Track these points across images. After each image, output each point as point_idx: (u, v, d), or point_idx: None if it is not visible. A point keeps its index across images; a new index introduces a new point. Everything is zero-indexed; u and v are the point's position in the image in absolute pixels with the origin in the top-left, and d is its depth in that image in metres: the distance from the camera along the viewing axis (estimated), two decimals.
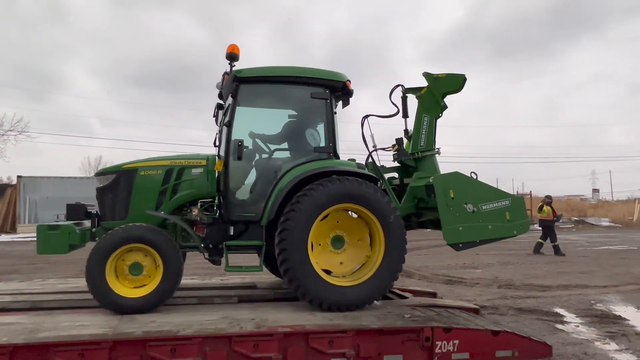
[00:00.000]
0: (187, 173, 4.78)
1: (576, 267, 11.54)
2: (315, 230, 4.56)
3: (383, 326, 4.16)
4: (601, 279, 9.84)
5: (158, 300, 4.34)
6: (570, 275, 10.15)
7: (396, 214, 4.71)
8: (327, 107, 5.00)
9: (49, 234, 4.40)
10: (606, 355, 4.84)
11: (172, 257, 4.34)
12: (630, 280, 9.61)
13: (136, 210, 4.64)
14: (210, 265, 5.05)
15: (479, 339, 4.37)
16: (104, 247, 4.24)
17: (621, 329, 5.81)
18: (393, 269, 4.70)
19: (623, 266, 11.85)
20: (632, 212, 33.75)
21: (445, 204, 4.72)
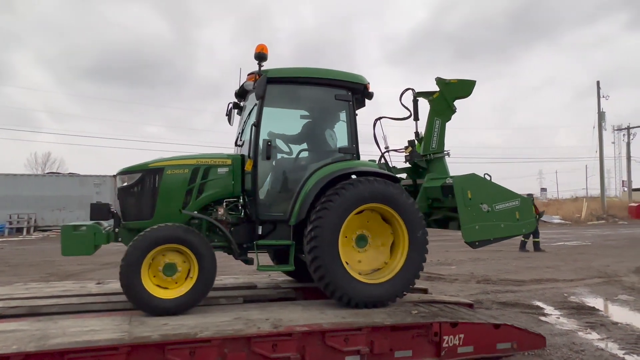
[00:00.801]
0: (213, 172, 4.76)
1: (542, 262, 12.18)
2: (346, 223, 4.64)
3: (395, 323, 4.27)
4: (567, 273, 10.46)
5: (192, 302, 4.29)
6: (539, 270, 10.72)
7: (420, 214, 4.89)
8: (350, 109, 5.13)
9: (75, 235, 4.29)
10: (591, 344, 5.18)
11: (208, 258, 4.31)
12: (593, 274, 10.27)
13: (163, 210, 4.57)
14: None
15: (481, 333, 4.58)
16: (141, 247, 4.13)
17: (598, 320, 6.22)
18: (416, 267, 4.85)
19: (583, 261, 12.63)
20: (580, 210, 35.91)
21: (464, 204, 4.97)
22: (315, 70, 5.06)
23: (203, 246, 4.31)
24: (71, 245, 4.33)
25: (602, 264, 11.77)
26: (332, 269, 4.48)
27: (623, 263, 12.12)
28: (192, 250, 4.26)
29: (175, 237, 4.22)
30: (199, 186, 4.68)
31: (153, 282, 4.25)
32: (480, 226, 5.03)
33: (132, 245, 4.15)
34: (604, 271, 10.70)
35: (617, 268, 11.21)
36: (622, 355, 4.82)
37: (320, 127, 5.32)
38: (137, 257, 4.11)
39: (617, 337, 5.46)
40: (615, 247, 16.64)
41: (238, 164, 4.87)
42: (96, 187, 23.38)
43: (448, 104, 5.69)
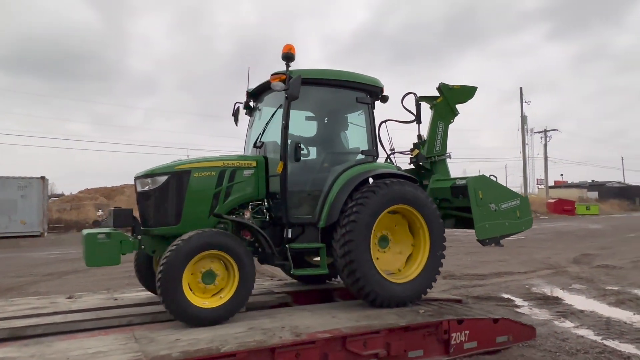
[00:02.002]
0: (239, 175, 4.65)
1: (492, 257, 12.94)
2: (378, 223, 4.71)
3: (409, 323, 4.29)
4: (517, 265, 11.20)
5: (233, 310, 4.14)
6: (494, 264, 11.38)
7: (439, 215, 5.06)
8: (370, 111, 5.25)
9: (100, 244, 4.01)
10: (570, 332, 5.56)
11: (249, 264, 4.21)
12: (540, 266, 11.09)
13: (190, 215, 4.38)
14: None
15: (483, 328, 4.74)
16: (183, 254, 3.88)
17: (566, 309, 6.71)
18: (436, 266, 5.05)
19: (525, 254, 13.61)
20: None
21: (476, 203, 5.25)
22: (340, 73, 5.10)
23: (243, 251, 4.18)
24: (97, 254, 4.01)
25: (543, 256, 12.76)
26: (365, 271, 4.54)
27: (560, 255, 13.24)
28: (233, 256, 4.10)
29: (217, 243, 4.04)
30: (226, 189, 4.54)
31: (194, 291, 4.03)
32: (489, 224, 5.35)
33: (172, 253, 3.87)
34: (548, 263, 11.61)
35: (557, 259, 12.22)
36: (601, 341, 5.22)
37: (340, 129, 5.37)
38: (178, 265, 3.85)
39: (589, 324, 5.92)
40: (545, 240, 18.13)
41: (262, 166, 4.80)
42: (20, 190, 21.14)
43: (451, 108, 5.99)
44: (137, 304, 4.73)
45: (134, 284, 9.28)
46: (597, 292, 7.86)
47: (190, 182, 4.40)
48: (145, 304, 4.76)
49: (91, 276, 10.42)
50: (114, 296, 5.25)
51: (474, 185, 5.28)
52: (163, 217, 4.38)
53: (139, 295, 5.29)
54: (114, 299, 5.08)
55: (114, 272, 10.90)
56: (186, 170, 4.43)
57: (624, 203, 54.01)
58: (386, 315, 4.47)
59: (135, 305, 4.68)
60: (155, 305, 4.65)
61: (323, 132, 5.41)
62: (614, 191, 60.60)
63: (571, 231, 22.34)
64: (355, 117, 5.45)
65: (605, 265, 10.91)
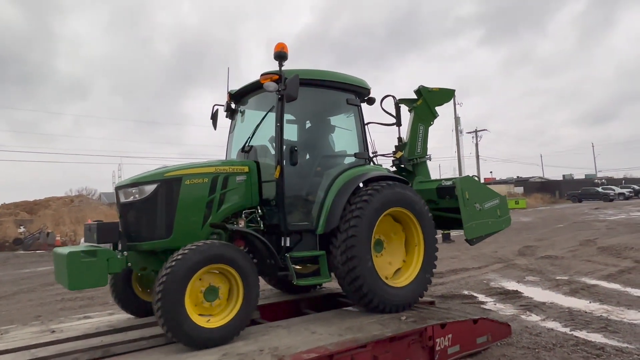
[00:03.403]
0: (232, 181, 4.35)
1: (443, 254, 13.01)
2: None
3: (395, 333, 4.01)
4: (469, 261, 11.47)
5: (238, 329, 3.81)
6: (447, 261, 11.54)
7: (431, 216, 5.01)
8: (360, 113, 5.16)
9: (85, 264, 3.53)
10: (540, 326, 5.61)
11: (253, 278, 3.90)
12: (490, 260, 11.43)
13: (182, 226, 4.02)
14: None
15: (464, 330, 4.59)
16: (183, 270, 3.49)
17: (528, 302, 6.83)
18: (430, 269, 4.99)
19: (474, 249, 13.95)
20: None
21: (464, 204, 5.26)
22: (333, 74, 4.95)
23: (248, 264, 3.87)
24: (81, 276, 3.53)
25: (490, 251, 13.21)
26: (368, 276, 4.39)
27: (505, 248, 13.80)
28: (237, 270, 3.78)
29: (221, 256, 3.70)
30: (219, 197, 4.24)
31: (196, 310, 3.65)
32: (476, 224, 5.38)
33: (171, 269, 3.48)
34: (497, 257, 12.01)
35: (503, 253, 12.70)
36: (571, 332, 5.29)
37: (330, 132, 5.20)
38: (179, 282, 3.46)
39: (554, 315, 6.02)
40: None
41: (255, 171, 4.53)
42: None
43: (431, 110, 6.03)
44: (81, 335, 4.02)
45: (69, 309, 8.30)
46: (550, 283, 8.13)
47: (181, 190, 4.03)
48: (91, 335, 4.07)
49: (15, 302, 9.16)
50: (50, 328, 4.47)
51: (461, 185, 5.29)
52: (152, 230, 3.96)
53: (81, 325, 4.54)
54: (51, 331, 4.32)
55: (44, 295, 9.72)
56: (177, 178, 4.06)
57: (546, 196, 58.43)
58: (368, 326, 4.16)
59: (79, 337, 3.97)
60: (104, 336, 4.00)
61: (313, 135, 5.24)
62: (536, 186, 65.49)
63: None
64: (344, 119, 5.30)
65: (549, 256, 11.46)
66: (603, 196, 49.37)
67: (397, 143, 6.04)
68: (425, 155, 6.01)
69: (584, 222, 22.33)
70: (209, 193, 4.18)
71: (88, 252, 3.63)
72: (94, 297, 9.05)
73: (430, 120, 6.07)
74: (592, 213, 28.93)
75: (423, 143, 5.98)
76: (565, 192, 60.32)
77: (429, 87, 6.01)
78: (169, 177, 4.05)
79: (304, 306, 5.73)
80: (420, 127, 5.98)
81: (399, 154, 5.94)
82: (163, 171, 4.15)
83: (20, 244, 22.72)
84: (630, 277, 8.37)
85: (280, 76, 4.39)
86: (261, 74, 4.52)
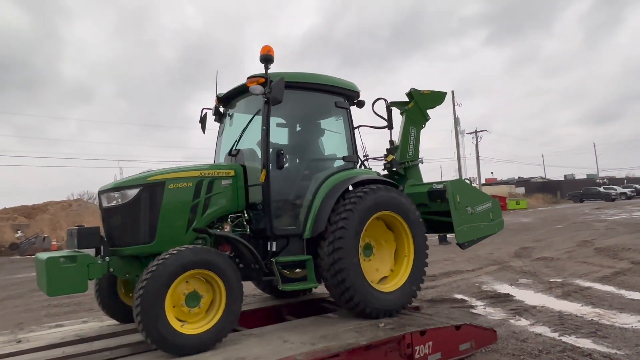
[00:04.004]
0: (217, 185, 4.28)
1: (438, 256, 12.98)
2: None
3: (370, 341, 3.85)
4: (464, 263, 11.29)
5: (220, 335, 3.71)
6: (440, 263, 11.38)
7: (421, 220, 4.94)
8: (349, 116, 5.10)
9: (65, 269, 3.45)
10: (528, 331, 5.44)
11: (235, 283, 3.81)
12: (485, 262, 11.26)
13: (165, 231, 3.95)
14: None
15: (446, 336, 4.42)
16: (164, 275, 3.42)
17: (518, 305, 6.66)
18: (421, 273, 4.88)
19: (469, 250, 13.60)
20: None
21: (455, 207, 5.19)
22: (320, 77, 4.91)
23: (231, 270, 3.80)
24: (60, 282, 3.43)
25: (486, 252, 13.03)
26: (355, 280, 4.29)
27: (501, 250, 13.63)
28: (219, 275, 3.70)
29: (203, 261, 3.62)
30: (204, 201, 4.17)
31: (175, 316, 3.56)
32: (467, 228, 5.30)
33: (152, 274, 3.41)
34: (492, 258, 11.84)
35: (499, 254, 12.52)
36: (559, 337, 5.13)
37: (318, 135, 5.15)
38: (159, 288, 3.40)
39: (544, 320, 5.86)
40: None
41: (241, 175, 4.46)
42: None
43: (422, 113, 5.95)
44: (45, 346, 3.88)
45: (53, 315, 8.16)
46: (543, 286, 7.96)
47: (164, 194, 3.97)
48: (55, 345, 3.92)
49: (1, 309, 9.04)
50: (17, 337, 4.33)
51: (452, 189, 5.22)
52: (135, 235, 3.90)
53: (49, 334, 4.40)
54: (17, 341, 4.18)
55: (31, 302, 9.59)
56: (160, 182, 3.99)
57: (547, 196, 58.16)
58: (344, 334, 4.00)
59: (43, 348, 3.83)
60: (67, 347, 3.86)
61: (301, 138, 5.17)
62: (537, 186, 65.23)
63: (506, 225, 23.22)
64: (333, 123, 5.24)
65: (544, 258, 11.29)
66: (605, 196, 49.10)
67: (389, 146, 6.00)
68: (417, 159, 5.96)
69: (583, 223, 22.13)
70: (193, 197, 4.13)
71: (67, 257, 3.55)
72: (80, 303, 8.92)
73: (422, 123, 6.04)
74: (593, 213, 28.71)
75: (415, 146, 5.92)
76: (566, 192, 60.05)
77: (421, 90, 5.95)
78: (151, 182, 3.98)
79: (286, 312, 5.58)
80: (412, 130, 5.93)
81: (390, 157, 5.90)
82: (146, 175, 4.07)
83: (16, 249, 22.64)
84: (625, 278, 8.20)
85: (266, 79, 4.35)
86: (248, 77, 4.49)
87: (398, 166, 5.86)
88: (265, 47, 4.35)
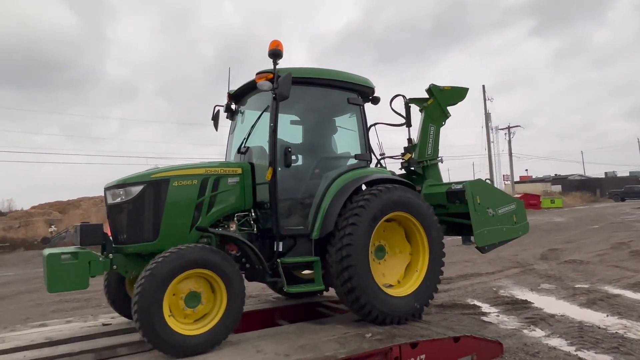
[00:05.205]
0: (223, 183, 4.19)
1: (459, 257, 12.42)
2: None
3: (351, 354, 3.51)
4: (485, 265, 10.69)
5: (221, 336, 3.64)
6: (460, 265, 10.83)
7: (438, 222, 4.72)
8: (362, 113, 4.94)
9: (65, 265, 3.44)
10: (541, 343, 4.95)
11: (237, 284, 3.73)
12: (508, 264, 10.63)
13: (169, 229, 3.89)
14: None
15: (442, 349, 4.02)
16: (163, 274, 3.36)
17: (536, 314, 6.13)
18: (436, 276, 4.67)
19: (493, 251, 12.96)
20: None
21: (474, 209, 4.94)
22: (331, 72, 4.74)
23: (232, 270, 3.72)
24: (61, 278, 3.44)
25: (511, 254, 12.34)
26: (363, 283, 4.10)
27: (527, 251, 12.88)
28: (220, 275, 3.62)
29: (203, 260, 3.55)
30: (209, 199, 4.09)
31: (175, 316, 3.53)
32: (488, 231, 5.04)
33: (150, 272, 3.36)
34: (516, 260, 11.18)
35: (524, 256, 11.82)
36: (575, 352, 4.62)
37: (330, 132, 4.99)
38: (158, 286, 3.34)
39: (561, 331, 5.33)
40: None
41: (249, 173, 4.37)
42: None
43: (442, 110, 5.69)
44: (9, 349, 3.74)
45: (61, 311, 8.21)
46: (566, 292, 7.36)
47: (169, 192, 3.91)
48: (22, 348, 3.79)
49: (15, 303, 9.21)
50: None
51: (471, 189, 4.97)
52: (138, 233, 3.87)
53: (27, 334, 4.28)
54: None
55: (45, 296, 9.72)
56: (164, 179, 3.93)
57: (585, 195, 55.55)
58: (325, 344, 3.68)
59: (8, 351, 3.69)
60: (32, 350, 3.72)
61: (312, 136, 4.99)
62: (575, 184, 62.44)
63: (537, 225, 22.28)
64: (346, 120, 5.06)
65: (573, 261, 10.55)
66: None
67: (407, 144, 5.75)
68: (437, 158, 5.68)
69: (622, 223, 20.83)
70: (198, 195, 4.05)
71: (69, 253, 3.54)
72: (90, 299, 8.96)
73: (442, 120, 5.77)
74: (634, 213, 27.05)
75: (434, 144, 5.66)
76: (607, 191, 57.15)
77: (441, 86, 5.70)
78: (156, 179, 3.93)
79: (279, 316, 5.32)
80: (431, 127, 5.67)
81: (407, 156, 5.67)
82: (150, 172, 4.03)
83: (47, 243, 23.43)
84: None
85: (274, 75, 4.21)
86: (256, 73, 4.36)
87: (416, 165, 5.64)
88: (273, 42, 4.21)
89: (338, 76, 4.78)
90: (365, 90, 5.03)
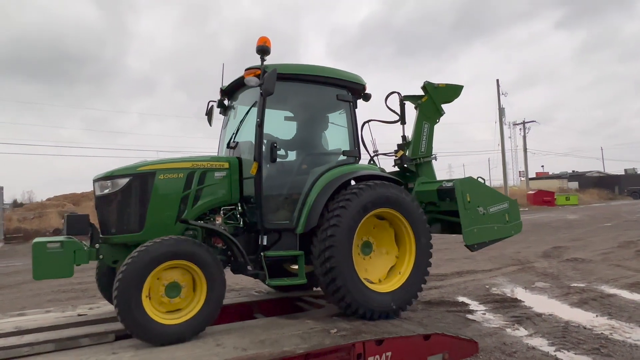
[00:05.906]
0: (209, 177, 4.27)
1: (459, 254, 12.20)
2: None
3: (310, 349, 3.47)
4: (483, 262, 10.51)
5: (200, 327, 3.72)
6: (458, 262, 10.67)
7: (425, 219, 4.72)
8: (352, 110, 4.97)
9: (50, 254, 3.57)
10: (521, 342, 4.83)
11: (218, 275, 3.80)
12: (507, 262, 10.43)
13: (154, 221, 3.99)
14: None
15: (411, 347, 3.96)
16: (143, 264, 3.46)
17: (523, 312, 5.99)
18: (423, 272, 4.69)
19: (496, 248, 12.87)
20: None
21: (464, 207, 4.97)
22: (320, 68, 4.78)
23: (212, 262, 3.78)
24: (45, 266, 3.56)
25: (513, 251, 12.12)
26: (347, 279, 4.14)
27: (530, 248, 12.64)
28: (200, 267, 3.70)
29: (183, 251, 3.64)
30: (195, 192, 4.17)
31: (154, 306, 3.62)
32: (478, 229, 5.05)
33: (130, 263, 3.46)
34: (517, 258, 10.97)
35: (526, 254, 11.59)
36: (554, 353, 4.49)
37: (319, 129, 5.02)
38: (138, 276, 3.44)
39: (545, 331, 5.20)
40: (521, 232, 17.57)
41: (236, 168, 4.43)
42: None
43: (436, 107, 5.71)
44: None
45: (56, 300, 8.35)
46: (560, 291, 7.18)
47: (155, 184, 4.01)
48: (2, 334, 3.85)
49: (16, 292, 9.41)
50: None
51: (461, 187, 5.00)
52: (124, 224, 3.96)
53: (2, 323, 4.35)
54: None
55: (45, 286, 9.92)
56: (150, 172, 4.03)
57: (603, 192, 54.30)
58: (287, 339, 3.65)
59: None
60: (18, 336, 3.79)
61: (301, 132, 5.03)
62: (593, 181, 61.04)
63: (548, 222, 21.87)
64: (336, 117, 5.10)
65: (574, 259, 10.30)
66: None
67: (401, 142, 5.74)
68: (430, 155, 5.70)
69: (636, 221, 20.32)
70: (184, 188, 4.13)
71: (54, 242, 3.66)
72: (87, 290, 9.10)
73: (436, 118, 5.79)
74: None
75: (428, 142, 5.68)
76: (625, 188, 55.76)
77: (435, 83, 5.71)
78: (142, 171, 4.03)
79: (257, 310, 5.30)
80: (425, 125, 5.70)
81: (400, 153, 5.65)
82: (138, 165, 4.12)
83: (58, 234, 23.96)
84: None
85: (262, 71, 4.29)
86: (245, 69, 4.43)
87: (408, 162, 5.62)
88: (261, 38, 4.26)
89: (327, 72, 4.78)
90: (355, 87, 5.02)
